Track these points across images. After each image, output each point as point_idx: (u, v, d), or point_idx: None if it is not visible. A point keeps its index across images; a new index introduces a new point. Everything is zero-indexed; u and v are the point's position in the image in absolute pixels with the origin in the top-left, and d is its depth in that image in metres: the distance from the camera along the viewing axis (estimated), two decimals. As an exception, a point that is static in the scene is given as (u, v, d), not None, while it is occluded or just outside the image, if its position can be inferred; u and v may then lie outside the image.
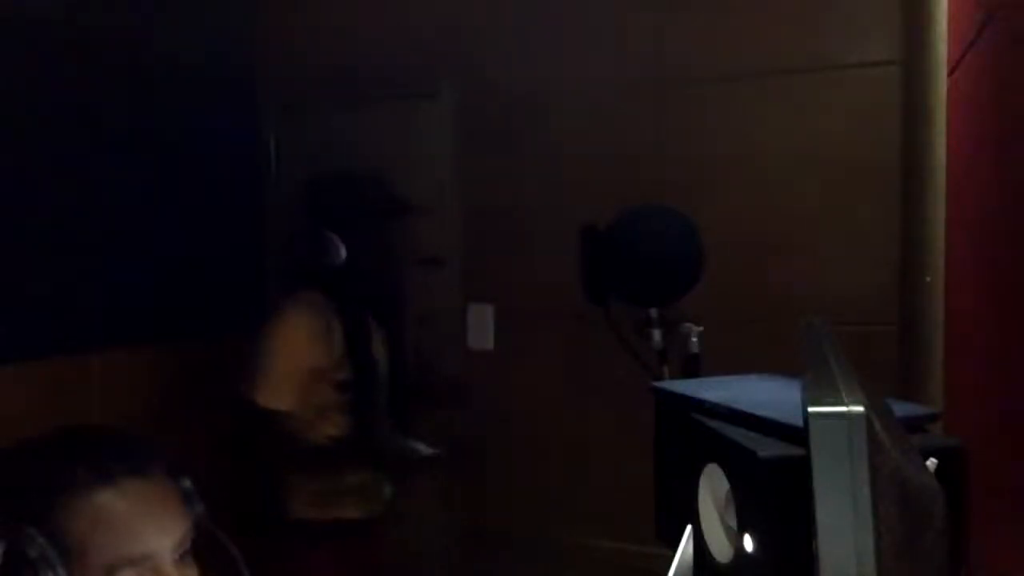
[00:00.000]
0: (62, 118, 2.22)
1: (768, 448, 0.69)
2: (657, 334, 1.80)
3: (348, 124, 2.77)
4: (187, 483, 0.90)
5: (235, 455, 1.98)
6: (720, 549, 0.78)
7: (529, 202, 2.49)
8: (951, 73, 1.45)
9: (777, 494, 0.66)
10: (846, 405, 0.51)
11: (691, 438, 0.83)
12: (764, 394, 0.86)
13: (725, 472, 0.75)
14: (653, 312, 1.80)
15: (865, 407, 0.50)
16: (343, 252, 1.93)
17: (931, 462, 0.67)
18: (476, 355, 2.59)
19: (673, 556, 0.78)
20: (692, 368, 1.70)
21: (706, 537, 0.79)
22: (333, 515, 1.96)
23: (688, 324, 1.72)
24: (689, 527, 0.81)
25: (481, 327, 2.62)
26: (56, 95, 2.21)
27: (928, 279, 1.63)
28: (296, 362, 1.90)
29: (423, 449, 2.02)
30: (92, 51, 2.30)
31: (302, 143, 2.88)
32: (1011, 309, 1.00)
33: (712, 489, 0.79)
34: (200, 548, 0.89)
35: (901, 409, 0.79)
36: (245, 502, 2.11)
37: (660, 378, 1.75)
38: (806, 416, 0.51)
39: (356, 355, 1.95)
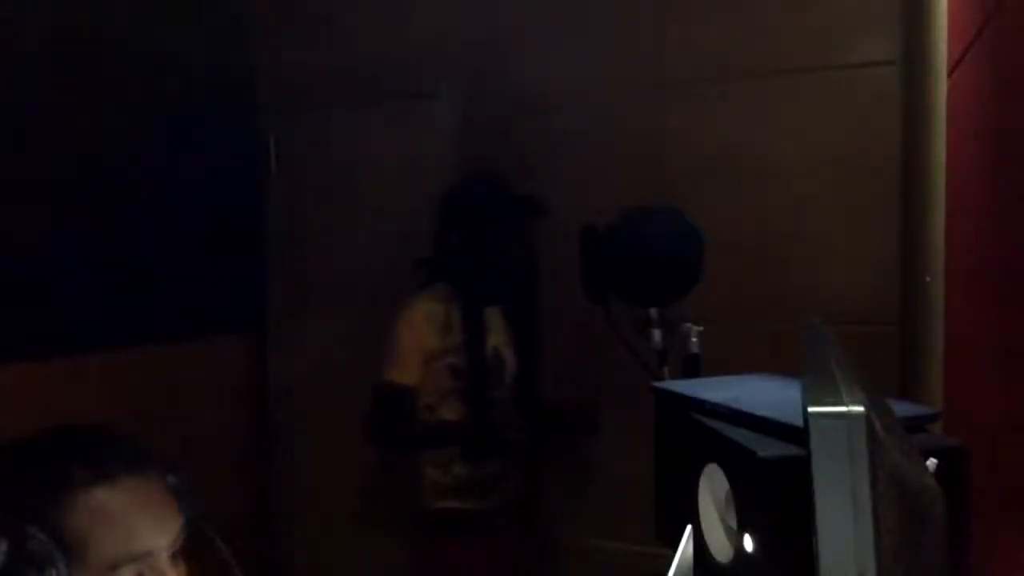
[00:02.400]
0: (62, 119, 2.22)
1: (768, 448, 0.69)
2: (657, 334, 1.80)
3: (348, 124, 2.77)
4: (179, 482, 0.90)
5: (372, 441, 2.16)
6: (720, 549, 0.78)
7: (529, 202, 2.48)
8: (951, 73, 1.45)
9: (777, 494, 0.66)
10: (846, 405, 0.51)
11: (691, 438, 0.83)
12: (764, 394, 0.86)
13: (725, 472, 0.75)
14: (653, 312, 1.80)
15: (865, 407, 0.50)
16: (467, 249, 2.10)
17: (931, 462, 0.67)
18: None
19: (673, 556, 0.78)
20: (692, 368, 1.70)
21: (706, 537, 0.79)
22: (456, 505, 2.12)
23: (688, 324, 1.72)
24: (689, 527, 0.81)
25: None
26: (56, 96, 2.21)
27: (928, 279, 1.63)
28: (415, 342, 2.09)
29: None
30: (92, 51, 2.30)
31: (302, 143, 2.88)
32: (1011, 309, 1.00)
33: (712, 489, 0.79)
34: (194, 548, 0.89)
35: (901, 409, 0.79)
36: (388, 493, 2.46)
37: (660, 378, 1.75)
38: (806, 416, 0.51)
39: (471, 345, 2.09)
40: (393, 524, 2.45)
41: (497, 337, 2.18)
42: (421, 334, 2.10)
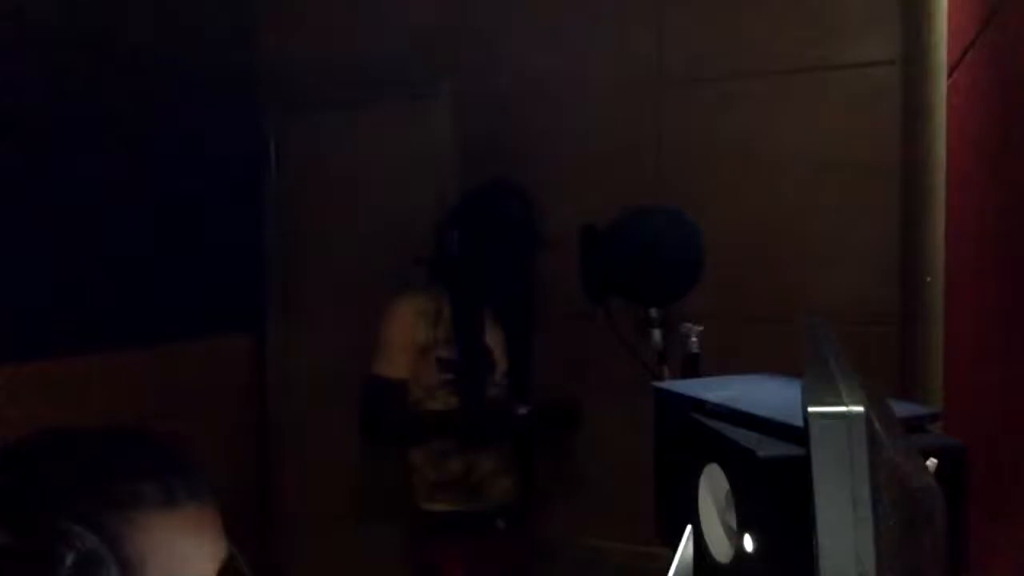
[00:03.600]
0: (63, 119, 2.22)
1: (768, 448, 0.69)
2: (657, 334, 1.80)
3: (348, 124, 2.77)
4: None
5: (363, 437, 2.17)
6: (720, 549, 0.78)
7: (529, 202, 2.48)
8: (951, 73, 1.45)
9: (777, 494, 0.66)
10: (846, 405, 0.50)
11: (691, 438, 0.83)
12: (764, 394, 0.86)
13: (725, 472, 0.75)
14: (653, 312, 1.80)
15: (865, 407, 0.50)
16: (462, 250, 2.11)
17: (931, 462, 0.67)
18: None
19: (673, 556, 0.78)
20: (692, 368, 1.70)
21: (706, 537, 0.79)
22: (450, 507, 2.13)
23: (688, 324, 1.72)
24: (689, 527, 0.81)
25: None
26: (56, 96, 2.21)
27: (928, 279, 1.63)
28: (404, 336, 2.10)
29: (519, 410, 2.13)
30: (93, 52, 2.30)
31: (302, 143, 2.88)
32: (1011, 309, 1.00)
33: (712, 489, 0.79)
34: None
35: (901, 409, 0.79)
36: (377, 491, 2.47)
37: (660, 378, 1.75)
38: (806, 416, 0.51)
39: (461, 339, 2.11)
40: (393, 523, 2.45)
41: (488, 335, 2.19)
42: (412, 327, 2.11)
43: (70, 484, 0.79)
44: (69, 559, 0.71)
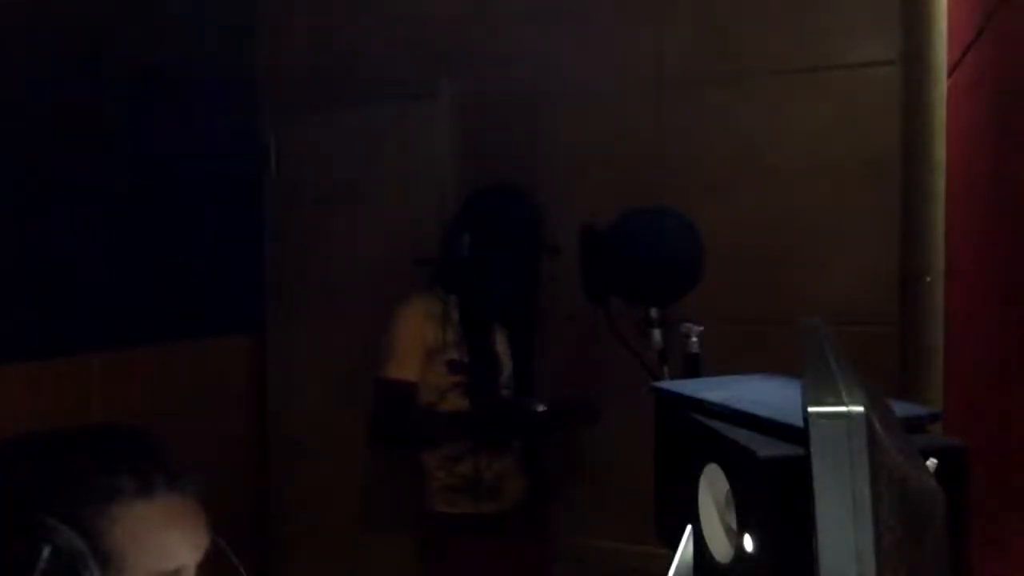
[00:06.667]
0: (62, 119, 2.22)
1: (768, 448, 0.69)
2: (657, 334, 1.80)
3: (348, 124, 2.77)
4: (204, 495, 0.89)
5: (374, 441, 2.16)
6: (720, 549, 0.78)
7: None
8: (951, 73, 1.45)
9: (777, 494, 0.66)
10: (846, 405, 0.50)
11: (691, 438, 0.83)
12: (764, 394, 0.86)
13: (725, 472, 0.75)
14: (653, 312, 1.80)
15: (865, 407, 0.50)
16: (467, 252, 2.10)
17: (931, 462, 0.67)
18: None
19: (673, 556, 0.78)
20: (692, 368, 1.70)
21: (706, 537, 0.79)
22: (464, 509, 2.11)
23: (688, 324, 1.72)
24: (689, 527, 0.81)
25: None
26: (56, 97, 2.21)
27: (928, 279, 1.63)
28: (414, 338, 2.09)
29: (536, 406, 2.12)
30: (93, 52, 2.30)
31: (302, 144, 2.88)
32: (1011, 309, 1.00)
33: (712, 489, 0.79)
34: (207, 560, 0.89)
35: (901, 409, 0.79)
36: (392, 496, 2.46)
37: (660, 378, 1.75)
38: (806, 416, 0.51)
39: (471, 341, 2.10)
40: (393, 524, 2.44)
41: (494, 338, 2.18)
42: (421, 330, 2.09)
43: (47, 481, 0.79)
44: (46, 553, 0.72)
